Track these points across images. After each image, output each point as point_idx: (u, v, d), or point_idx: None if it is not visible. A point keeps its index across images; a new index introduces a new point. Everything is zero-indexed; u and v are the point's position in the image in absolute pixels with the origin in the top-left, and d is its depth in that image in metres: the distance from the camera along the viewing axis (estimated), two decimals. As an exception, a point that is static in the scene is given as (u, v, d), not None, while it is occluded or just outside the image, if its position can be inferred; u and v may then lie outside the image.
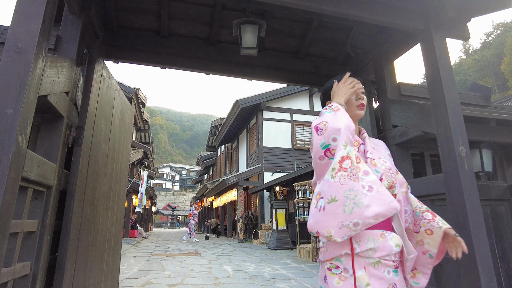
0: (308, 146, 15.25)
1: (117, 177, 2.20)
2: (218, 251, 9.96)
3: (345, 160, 1.13)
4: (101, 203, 1.92)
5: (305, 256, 8.50)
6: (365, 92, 1.43)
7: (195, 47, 2.60)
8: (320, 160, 1.19)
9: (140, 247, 11.53)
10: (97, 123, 1.81)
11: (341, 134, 1.15)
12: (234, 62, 2.66)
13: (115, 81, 2.21)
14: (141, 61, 2.44)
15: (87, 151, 1.68)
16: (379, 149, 1.51)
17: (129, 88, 13.25)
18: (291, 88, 15.29)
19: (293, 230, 11.21)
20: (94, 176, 1.80)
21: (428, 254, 1.34)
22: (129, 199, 15.60)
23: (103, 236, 1.93)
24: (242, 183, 14.13)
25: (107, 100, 1.98)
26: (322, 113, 1.27)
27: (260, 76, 2.75)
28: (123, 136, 2.34)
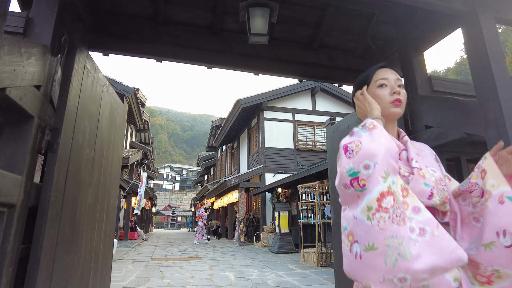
0: (310, 146, 14.97)
1: (105, 186, 1.90)
2: (219, 255, 9.66)
3: (385, 198, 0.82)
4: (85, 219, 1.62)
5: (309, 261, 8.20)
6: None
7: (196, 37, 2.29)
8: (345, 188, 0.89)
9: (139, 250, 11.24)
10: (79, 124, 1.51)
11: (378, 161, 0.85)
12: (239, 53, 2.35)
13: (103, 76, 1.91)
14: (134, 52, 2.13)
15: (65, 158, 1.39)
16: (424, 154, 1.21)
17: (127, 88, 12.95)
18: (293, 88, 15.03)
19: (296, 233, 10.91)
20: (75, 187, 1.50)
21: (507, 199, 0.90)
22: (129, 201, 15.32)
23: (87, 256, 1.63)
24: (244, 184, 13.84)
25: (92, 97, 1.68)
26: (354, 132, 0.97)
27: (269, 70, 2.45)
28: (113, 138, 2.04)
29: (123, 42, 2.09)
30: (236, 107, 14.96)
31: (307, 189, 8.76)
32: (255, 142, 15.50)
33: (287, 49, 2.45)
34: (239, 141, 18.95)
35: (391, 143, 0.91)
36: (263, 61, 2.37)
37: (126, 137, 19.24)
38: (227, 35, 2.36)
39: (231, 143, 20.97)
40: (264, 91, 14.82)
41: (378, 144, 0.87)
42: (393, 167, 0.87)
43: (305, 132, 15.29)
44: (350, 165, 0.88)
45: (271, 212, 13.56)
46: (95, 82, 1.74)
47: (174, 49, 2.18)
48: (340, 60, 2.52)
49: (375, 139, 0.89)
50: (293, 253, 10.25)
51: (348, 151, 0.90)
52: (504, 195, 0.90)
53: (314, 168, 8.47)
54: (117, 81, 12.89)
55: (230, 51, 2.30)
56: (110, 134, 1.99)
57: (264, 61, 2.38)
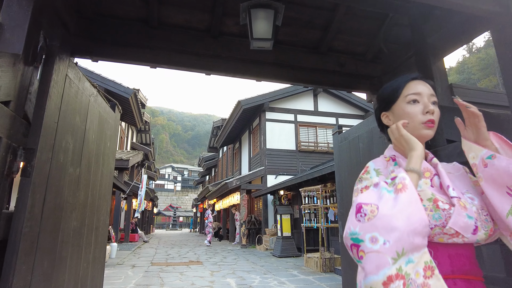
0: (312, 147, 14.78)
1: (94, 206, 1.72)
2: (220, 259, 9.49)
3: (393, 282, 0.66)
4: (69, 245, 1.45)
5: (312, 266, 8.01)
6: None
7: (193, 41, 2.08)
8: (347, 247, 0.76)
9: (139, 253, 11.09)
10: (60, 141, 1.33)
11: (392, 240, 0.68)
12: (240, 59, 2.15)
13: (90, 85, 1.72)
14: (125, 59, 1.93)
15: (41, 181, 1.21)
16: (459, 178, 1.03)
17: (127, 89, 12.80)
18: (295, 88, 14.83)
19: (298, 237, 10.73)
20: (56, 212, 1.33)
21: None
22: (129, 203, 15.20)
23: (72, 287, 1.46)
24: (245, 186, 13.67)
25: (75, 109, 1.50)
26: (379, 186, 0.79)
27: (271, 76, 2.25)
28: (102, 152, 1.86)
29: (113, 47, 1.89)
30: (237, 108, 14.79)
31: (310, 192, 8.57)
32: (257, 144, 15.33)
33: (292, 53, 2.25)
34: (240, 142, 18.78)
35: (420, 212, 0.72)
36: (266, 67, 2.17)
37: (127, 138, 19.10)
38: (227, 39, 2.15)
39: (232, 144, 20.82)
40: (266, 92, 14.65)
41: (401, 216, 0.70)
42: (415, 246, 0.69)
43: (307, 133, 15.10)
44: (356, 229, 0.72)
45: (273, 214, 13.38)
46: (79, 93, 1.56)
47: (169, 54, 1.99)
48: (349, 65, 2.32)
49: (399, 208, 0.71)
50: (296, 257, 10.07)
51: (360, 213, 0.74)
52: (484, 158, 0.88)
53: (318, 171, 8.28)
54: (117, 82, 12.73)
55: (230, 56, 2.10)
56: (99, 148, 1.81)
57: (267, 67, 2.18)
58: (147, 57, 1.96)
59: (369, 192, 0.79)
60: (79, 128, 1.53)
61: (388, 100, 1.01)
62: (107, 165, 1.94)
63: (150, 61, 1.97)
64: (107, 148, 1.94)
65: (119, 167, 12.37)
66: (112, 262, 8.66)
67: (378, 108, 1.06)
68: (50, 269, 1.27)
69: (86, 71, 12.48)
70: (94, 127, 1.72)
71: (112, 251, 9.52)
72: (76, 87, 1.54)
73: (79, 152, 1.53)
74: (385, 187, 0.77)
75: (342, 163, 2.45)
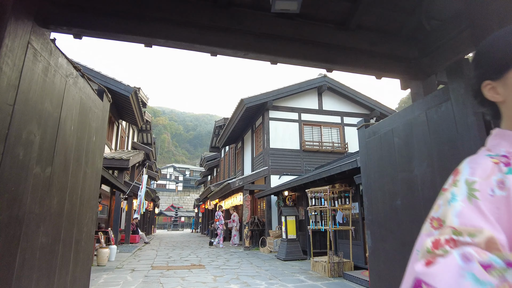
0: (317, 147, 14.41)
1: (73, 215, 1.37)
2: (223, 263, 9.15)
3: None
4: (33, 271, 1.09)
5: (320, 270, 7.65)
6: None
7: (196, 11, 1.70)
8: None
9: (140, 256, 10.76)
10: (18, 132, 0.99)
11: None
12: (253, 33, 1.77)
13: (67, 62, 1.36)
14: (114, 32, 1.54)
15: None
16: None
17: (128, 87, 12.48)
18: (299, 86, 14.49)
19: (303, 239, 10.37)
20: (9, 228, 0.97)
21: None
22: (130, 203, 14.89)
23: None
24: (248, 186, 13.32)
25: (45, 91, 1.15)
26: (462, 214, 0.47)
27: (291, 55, 1.87)
28: (85, 148, 1.50)
29: (98, 17, 1.52)
30: (240, 107, 14.45)
31: (317, 194, 8.20)
32: (260, 143, 14.99)
33: (316, 29, 1.87)
34: (243, 141, 18.44)
35: None
36: (284, 44, 1.78)
37: (128, 137, 18.81)
38: (238, 11, 1.77)
39: (234, 144, 20.48)
40: (269, 90, 14.30)
41: None
42: None
43: (311, 132, 14.75)
44: None
45: (276, 215, 13.03)
46: (51, 71, 1.21)
47: (167, 27, 1.61)
48: (382, 44, 1.94)
49: None
50: (301, 260, 9.71)
51: None
52: None
53: (325, 171, 7.91)
54: (117, 80, 12.41)
55: (241, 30, 1.72)
56: (81, 143, 1.45)
57: (286, 44, 1.79)
58: (141, 31, 1.58)
59: (448, 265, 0.41)
60: (50, 116, 1.17)
61: (502, 63, 0.65)
62: (91, 163, 1.58)
63: (145, 35, 1.60)
64: (92, 143, 1.58)
65: (119, 167, 12.06)
66: (111, 266, 8.33)
67: (480, 75, 0.69)
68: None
69: (85, 68, 12.19)
70: (73, 116, 1.36)
71: (111, 254, 9.19)
72: (46, 63, 1.18)
73: (50, 147, 1.18)
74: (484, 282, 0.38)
75: (371, 162, 2.08)
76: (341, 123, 15.18)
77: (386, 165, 1.89)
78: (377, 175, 1.98)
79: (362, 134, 2.25)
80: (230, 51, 1.76)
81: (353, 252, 7.42)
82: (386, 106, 15.62)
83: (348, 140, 14.95)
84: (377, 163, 1.99)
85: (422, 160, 1.54)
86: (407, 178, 1.61)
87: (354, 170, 6.78)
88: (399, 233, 1.65)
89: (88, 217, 1.55)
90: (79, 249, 1.44)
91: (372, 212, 2.04)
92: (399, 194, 1.68)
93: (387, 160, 1.88)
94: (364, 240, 7.25)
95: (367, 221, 2.05)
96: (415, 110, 1.71)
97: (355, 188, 7.58)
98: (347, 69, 1.96)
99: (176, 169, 69.43)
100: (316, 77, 15.09)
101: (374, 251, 1.98)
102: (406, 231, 1.60)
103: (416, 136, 1.68)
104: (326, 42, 1.86)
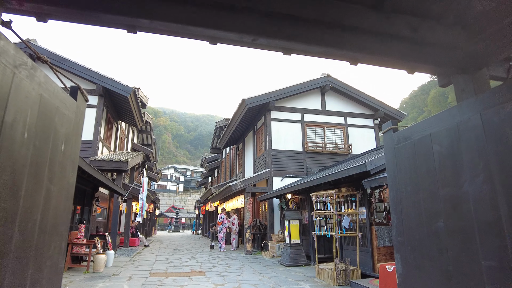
0: (320, 148, 14.08)
1: (29, 247, 1.03)
2: (224, 269, 8.82)
3: None
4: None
5: (326, 278, 7.31)
6: None
7: None
8: None
9: (138, 260, 10.44)
10: None
11: None
12: (263, 12, 1.40)
13: (14, 47, 1.00)
14: (85, 9, 1.20)
15: None
16: None
17: (126, 87, 12.19)
18: (302, 86, 14.18)
19: (307, 243, 10.03)
20: None
21: None
22: (129, 206, 14.58)
23: None
24: (250, 189, 12.99)
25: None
26: None
27: (311, 40, 1.50)
28: (48, 160, 1.16)
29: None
30: (241, 107, 14.13)
31: (323, 198, 7.86)
32: (262, 144, 14.67)
33: (342, 10, 1.49)
34: (244, 142, 18.12)
35: None
36: (302, 27, 1.40)
37: (127, 139, 18.52)
38: None
39: (235, 145, 20.17)
40: (271, 90, 13.99)
41: None
42: None
43: (314, 133, 14.43)
44: None
45: (279, 219, 12.69)
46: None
47: (155, 4, 1.25)
48: (424, 30, 1.57)
49: None
50: (305, 266, 9.38)
51: None
52: None
53: (332, 175, 7.57)
54: (115, 80, 12.13)
55: (248, 8, 1.36)
56: (42, 154, 1.12)
57: (304, 26, 1.42)
58: (120, 9, 1.23)
59: None
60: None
61: None
62: (59, 179, 1.24)
63: (126, 15, 1.23)
64: (60, 154, 1.24)
65: (118, 169, 11.76)
66: (108, 273, 8.02)
67: None
68: None
69: (83, 68, 11.90)
70: (28, 120, 1.03)
71: (108, 260, 8.88)
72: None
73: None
74: None
75: (401, 173, 1.72)
76: (345, 124, 14.84)
77: (423, 177, 1.53)
78: (409, 188, 1.63)
79: (389, 140, 1.89)
80: (235, 35, 1.39)
81: (360, 259, 7.08)
82: (391, 107, 15.27)
83: (352, 141, 14.61)
84: (409, 174, 1.64)
85: (476, 173, 1.20)
86: (453, 195, 1.28)
87: (362, 174, 6.44)
88: (442, 262, 1.31)
89: (54, 247, 1.21)
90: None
91: (403, 233, 1.68)
92: (442, 215, 1.34)
93: (424, 171, 1.53)
94: (372, 246, 6.90)
95: (396, 243, 1.71)
96: (465, 111, 1.36)
97: (362, 192, 7.23)
98: (377, 60, 1.60)
99: (177, 170, 69.24)
100: (319, 77, 14.77)
101: (406, 280, 1.62)
102: (452, 261, 1.27)
103: (466, 143, 1.32)
104: (355, 25, 1.49)
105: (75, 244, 8.25)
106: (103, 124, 12.72)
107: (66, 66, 11.80)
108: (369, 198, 7.20)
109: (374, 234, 6.88)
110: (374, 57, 1.60)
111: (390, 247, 6.92)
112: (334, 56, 1.61)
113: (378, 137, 15.20)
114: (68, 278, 7.24)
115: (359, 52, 1.57)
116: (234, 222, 14.44)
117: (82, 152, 11.19)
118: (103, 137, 12.79)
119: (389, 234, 6.97)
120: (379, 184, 5.89)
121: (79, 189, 9.01)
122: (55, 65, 11.67)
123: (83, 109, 1.46)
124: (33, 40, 11.93)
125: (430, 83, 60.79)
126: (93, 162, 10.91)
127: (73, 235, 8.42)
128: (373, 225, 7.00)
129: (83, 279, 7.17)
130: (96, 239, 8.74)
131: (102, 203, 13.10)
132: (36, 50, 1.14)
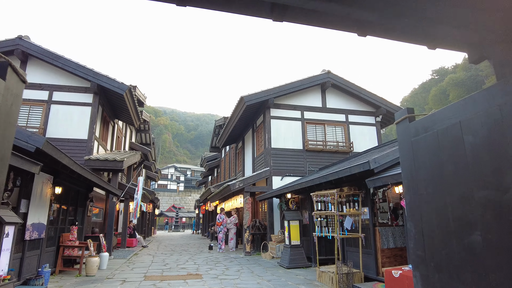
0: (320, 146, 13.75)
1: None
2: (222, 271, 8.51)
3: None
4: None
5: (327, 282, 7.00)
6: None
7: None
8: None
9: (135, 262, 10.15)
10: None
11: None
12: None
13: None
14: None
15: None
16: None
17: (122, 85, 11.86)
18: (302, 83, 13.84)
19: (307, 244, 9.72)
20: None
21: None
22: (126, 206, 14.29)
23: None
24: (249, 188, 12.67)
25: None
26: None
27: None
28: None
29: None
30: (240, 105, 13.80)
31: (324, 198, 7.53)
32: (261, 143, 14.34)
33: None
34: (243, 141, 17.80)
35: None
36: None
37: (125, 138, 18.21)
38: None
39: (235, 144, 19.86)
40: (270, 87, 13.64)
41: None
42: None
43: (314, 131, 14.09)
44: None
45: (279, 218, 12.38)
46: None
47: None
48: None
49: None
50: (306, 268, 9.07)
51: None
52: None
53: (332, 174, 7.25)
54: (110, 77, 11.80)
55: None
56: None
57: None
58: None
59: None
60: None
61: None
62: None
63: None
64: None
65: (113, 169, 11.44)
66: (101, 276, 7.72)
67: None
68: None
69: (77, 65, 11.59)
70: None
71: (102, 263, 8.58)
72: None
73: None
74: None
75: (420, 171, 1.38)
76: (346, 122, 14.51)
77: (450, 177, 1.20)
78: (431, 190, 1.28)
79: (404, 131, 1.53)
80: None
81: (363, 262, 6.76)
82: (393, 104, 14.92)
83: (353, 139, 14.28)
84: (431, 173, 1.30)
85: (529, 172, 0.90)
86: (496, 200, 0.96)
87: (365, 172, 6.11)
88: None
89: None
90: None
91: (423, 246, 1.33)
92: (479, 225, 1.02)
93: (452, 169, 1.20)
94: (375, 248, 6.58)
95: (414, 257, 1.38)
96: (510, 90, 1.04)
97: (365, 191, 6.91)
98: (408, 38, 1.21)
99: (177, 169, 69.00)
100: (320, 73, 14.43)
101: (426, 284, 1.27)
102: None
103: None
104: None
105: (66, 247, 7.95)
106: (99, 122, 12.39)
107: (60, 64, 11.48)
108: (372, 198, 6.87)
109: (377, 236, 6.55)
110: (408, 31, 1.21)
111: (394, 249, 6.60)
112: (343, 22, 1.24)
113: (380, 135, 14.86)
114: (58, 282, 6.95)
115: (377, 13, 1.20)
116: (226, 220, 14.12)
117: (76, 151, 10.87)
118: (98, 136, 12.48)
119: (393, 236, 6.64)
120: (383, 183, 5.57)
121: (72, 190, 8.71)
122: (49, 62, 11.34)
123: (17, 91, 1.15)
124: (25, 37, 11.61)
125: (431, 80, 60.36)
126: (88, 162, 10.60)
127: (65, 237, 8.12)
128: (376, 226, 6.68)
129: (74, 283, 6.87)
130: (88, 241, 8.43)
131: (99, 204, 12.79)
132: None
